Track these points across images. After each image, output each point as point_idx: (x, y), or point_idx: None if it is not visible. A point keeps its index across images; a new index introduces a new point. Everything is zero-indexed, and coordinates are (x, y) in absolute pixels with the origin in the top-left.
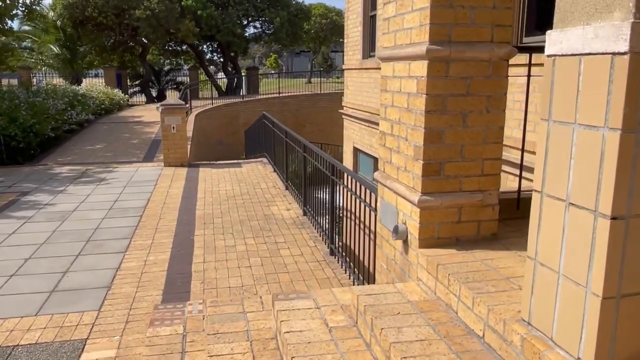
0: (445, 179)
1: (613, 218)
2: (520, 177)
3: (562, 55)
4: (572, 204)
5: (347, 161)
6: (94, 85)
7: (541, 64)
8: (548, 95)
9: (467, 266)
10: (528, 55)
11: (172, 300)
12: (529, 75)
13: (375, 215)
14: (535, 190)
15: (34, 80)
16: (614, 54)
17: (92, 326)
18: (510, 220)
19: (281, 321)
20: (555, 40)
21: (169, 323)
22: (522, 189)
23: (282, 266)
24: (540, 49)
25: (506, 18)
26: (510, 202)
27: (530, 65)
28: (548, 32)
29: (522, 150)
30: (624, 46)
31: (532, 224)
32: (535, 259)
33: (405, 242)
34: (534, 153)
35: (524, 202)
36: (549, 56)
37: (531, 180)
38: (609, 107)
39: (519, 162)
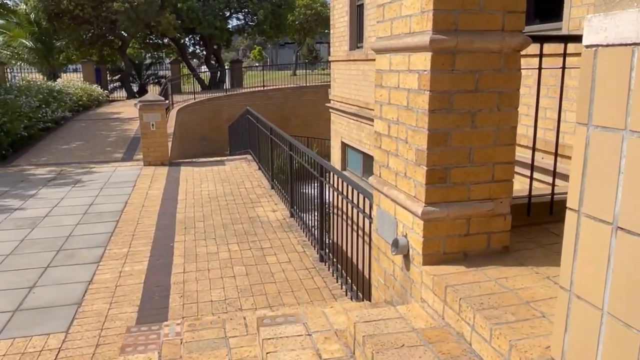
0: (451, 187)
1: None
2: (532, 179)
3: (608, 45)
4: (622, 229)
5: (335, 156)
6: (71, 80)
7: (545, 55)
8: (587, 95)
9: (479, 288)
10: (539, 45)
11: (149, 317)
12: (540, 68)
13: (370, 223)
14: (570, 209)
15: (9, 76)
16: None
17: (58, 351)
18: (520, 228)
19: (267, 353)
20: (597, 27)
21: (143, 349)
22: (532, 192)
23: (269, 275)
24: (550, 39)
25: (519, 3)
26: (519, 207)
27: (541, 56)
28: (587, 17)
29: (533, 149)
30: None
31: (565, 249)
32: (571, 291)
33: (407, 257)
34: (538, 150)
35: (535, 208)
36: (588, 47)
37: (540, 181)
38: None
39: (523, 161)
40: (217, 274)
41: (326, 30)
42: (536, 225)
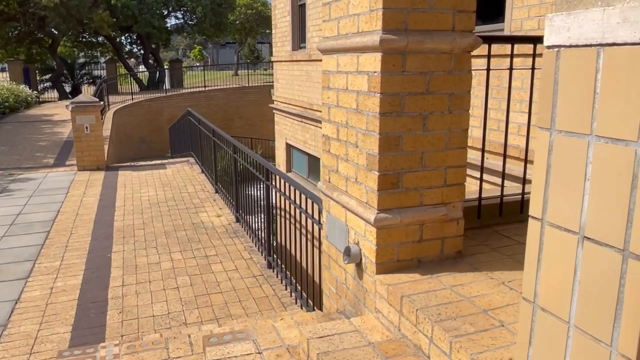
0: (404, 192)
1: None
2: (481, 181)
3: (571, 46)
4: (588, 239)
5: (280, 158)
6: None
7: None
8: (550, 98)
9: (436, 297)
10: (485, 46)
11: (84, 338)
12: (488, 69)
13: (320, 229)
14: (533, 217)
15: None
16: None
17: None
18: (470, 231)
19: None
20: (559, 27)
21: None
22: (483, 194)
23: (215, 285)
24: (498, 39)
25: (469, 2)
26: (469, 210)
27: (489, 56)
28: (548, 15)
29: (483, 150)
30: None
31: (529, 259)
32: (535, 303)
33: (359, 265)
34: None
35: (485, 210)
36: (550, 47)
37: (486, 182)
38: None
39: (469, 161)
40: (159, 286)
41: (268, 31)
42: (487, 227)
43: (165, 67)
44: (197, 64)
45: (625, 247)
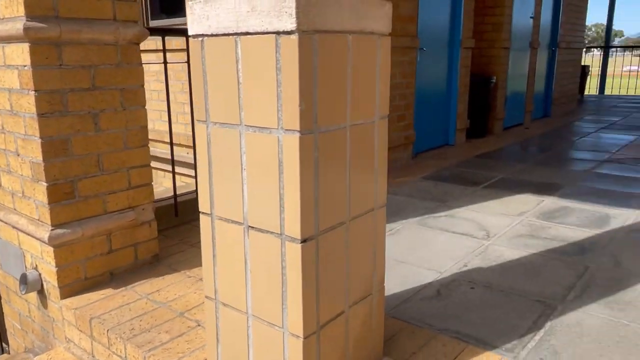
0: (82, 201)
1: (304, 241)
2: (174, 178)
3: (212, 35)
4: (252, 227)
5: None
6: None
7: (175, 50)
8: (201, 89)
9: (129, 310)
10: (161, 38)
11: None
12: (165, 62)
13: None
14: (204, 213)
15: None
16: (278, 33)
17: None
18: (169, 230)
19: None
20: (200, 16)
21: None
22: (183, 190)
23: None
24: (171, 32)
25: None
26: (167, 209)
27: (165, 50)
28: (189, 3)
29: (171, 144)
30: (289, 23)
31: (205, 256)
32: (216, 299)
33: (42, 292)
34: (182, 146)
35: (183, 206)
36: (195, 37)
37: (191, 177)
38: (280, 102)
39: (164, 156)
40: None
41: None
42: (186, 224)
43: None
44: None
45: (282, 231)
